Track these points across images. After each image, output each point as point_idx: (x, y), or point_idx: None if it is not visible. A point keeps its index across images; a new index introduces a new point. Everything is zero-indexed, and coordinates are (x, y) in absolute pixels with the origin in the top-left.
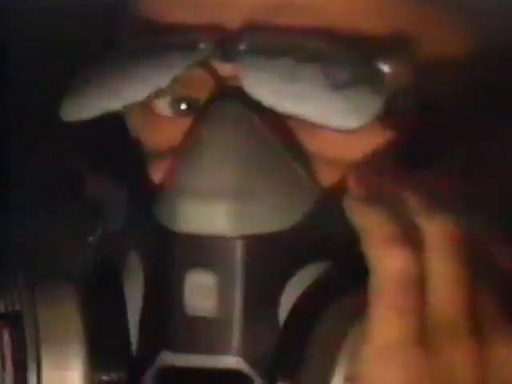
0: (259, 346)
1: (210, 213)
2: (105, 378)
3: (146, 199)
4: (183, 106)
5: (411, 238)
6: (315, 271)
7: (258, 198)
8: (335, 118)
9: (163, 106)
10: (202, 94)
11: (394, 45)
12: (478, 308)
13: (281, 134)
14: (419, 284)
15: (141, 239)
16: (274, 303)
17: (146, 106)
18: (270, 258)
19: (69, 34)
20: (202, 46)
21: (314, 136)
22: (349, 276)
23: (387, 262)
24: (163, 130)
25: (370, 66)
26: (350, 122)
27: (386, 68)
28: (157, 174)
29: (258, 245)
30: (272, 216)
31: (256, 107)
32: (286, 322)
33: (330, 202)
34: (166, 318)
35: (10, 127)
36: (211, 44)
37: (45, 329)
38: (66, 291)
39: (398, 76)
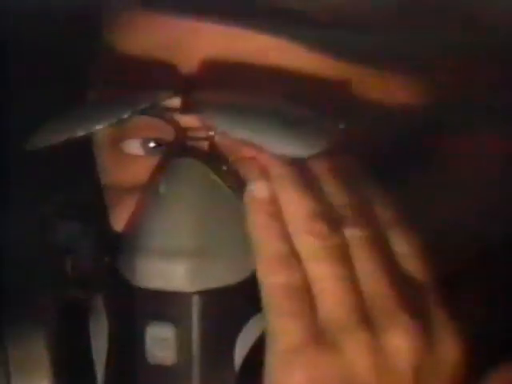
0: None
1: (169, 270)
2: None
3: (110, 250)
4: (152, 145)
5: (294, 251)
6: None
7: (214, 255)
8: (286, 148)
9: (134, 145)
10: (170, 136)
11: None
12: (366, 302)
13: (237, 186)
14: (304, 292)
15: (105, 288)
16: (230, 350)
17: (115, 145)
18: (225, 309)
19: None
20: (159, 96)
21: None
22: None
23: (272, 278)
24: (132, 168)
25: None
26: (299, 152)
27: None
28: (120, 220)
29: (213, 298)
30: (227, 270)
31: (214, 162)
32: (242, 368)
33: None
34: (129, 365)
35: None
36: (169, 94)
37: (15, 365)
38: (36, 331)
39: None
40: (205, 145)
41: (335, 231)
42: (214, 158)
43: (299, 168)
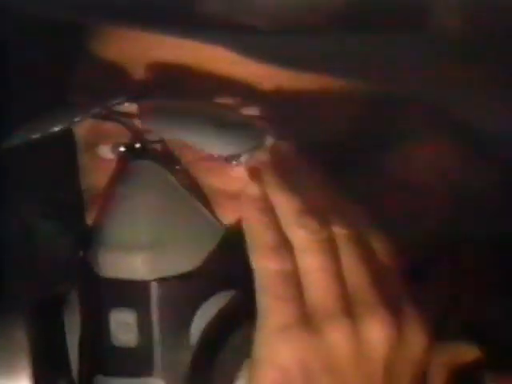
0: (176, 368)
1: (129, 261)
2: None
3: (84, 245)
4: (122, 149)
5: (286, 243)
6: (222, 300)
7: (168, 247)
8: (216, 147)
9: (106, 150)
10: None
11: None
12: (349, 293)
13: (189, 183)
14: (294, 278)
15: (78, 280)
16: (186, 331)
17: (91, 150)
18: (180, 294)
19: None
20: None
21: (219, 176)
22: (250, 303)
23: (265, 264)
24: (105, 171)
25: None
26: (227, 151)
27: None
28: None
29: (169, 284)
30: (181, 260)
31: (167, 162)
32: (197, 346)
33: (234, 237)
34: (98, 347)
35: None
36: (120, 100)
37: None
38: (17, 320)
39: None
40: (159, 147)
41: (324, 227)
42: (168, 158)
43: (289, 168)
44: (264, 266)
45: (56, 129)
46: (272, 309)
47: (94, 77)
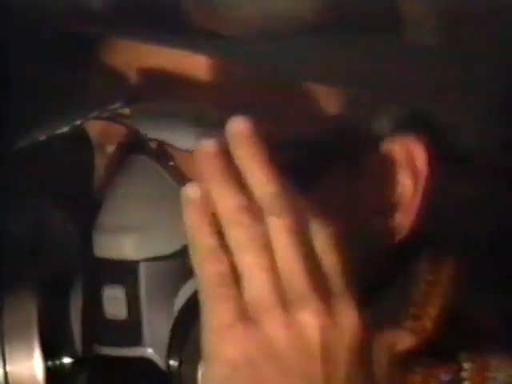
0: (162, 338)
1: (119, 243)
2: (55, 363)
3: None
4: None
5: (222, 245)
6: None
7: (155, 230)
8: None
9: (113, 149)
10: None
11: None
12: (283, 284)
13: (179, 176)
14: (231, 278)
15: (80, 262)
16: (171, 306)
17: (102, 150)
18: (165, 273)
19: None
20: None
21: None
22: None
23: (204, 269)
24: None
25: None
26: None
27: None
28: None
29: (155, 264)
30: (166, 242)
31: (161, 158)
32: (178, 317)
33: None
34: (94, 321)
35: None
36: (121, 104)
37: (8, 326)
38: (30, 299)
39: None
40: (154, 144)
41: (258, 221)
42: (162, 155)
43: (227, 163)
44: (202, 270)
45: (62, 130)
46: (213, 309)
47: (93, 81)
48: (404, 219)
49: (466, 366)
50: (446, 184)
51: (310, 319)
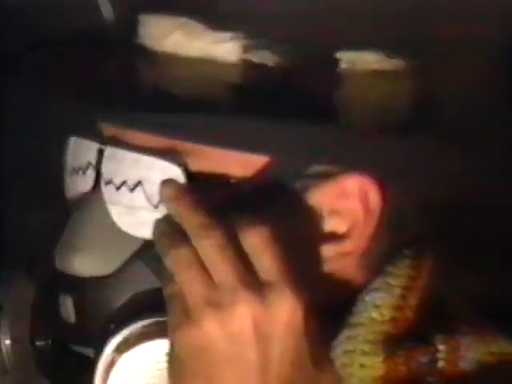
0: (105, 337)
1: (69, 260)
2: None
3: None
4: None
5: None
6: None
7: (96, 253)
8: None
9: None
10: None
11: None
12: (216, 287)
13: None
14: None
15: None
16: (112, 313)
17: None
18: (103, 290)
19: None
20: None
21: None
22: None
23: (169, 252)
24: None
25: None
26: None
27: None
28: None
29: (94, 281)
30: (102, 264)
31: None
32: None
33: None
34: (54, 315)
35: None
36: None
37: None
38: (27, 286)
39: None
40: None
41: (187, 245)
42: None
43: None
44: (166, 254)
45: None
46: (168, 310)
47: None
48: (355, 246)
49: (440, 347)
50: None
51: (242, 311)
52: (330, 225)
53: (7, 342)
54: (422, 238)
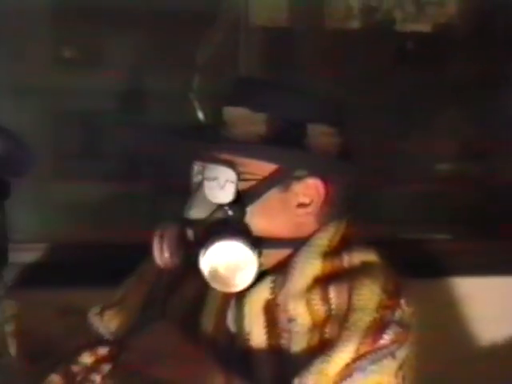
0: None
1: (189, 212)
2: None
3: None
4: None
5: None
6: None
7: (198, 208)
8: None
9: None
10: None
11: None
12: None
13: None
14: None
15: None
16: None
17: None
18: (203, 223)
19: None
20: None
21: None
22: None
23: None
24: None
25: None
26: None
27: None
28: None
29: (199, 221)
30: (202, 213)
31: None
32: None
33: None
34: None
35: None
36: None
37: None
38: None
39: None
40: None
41: None
42: None
43: None
44: None
45: None
46: None
47: None
48: (310, 217)
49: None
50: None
51: None
52: (302, 199)
53: None
54: (343, 206)
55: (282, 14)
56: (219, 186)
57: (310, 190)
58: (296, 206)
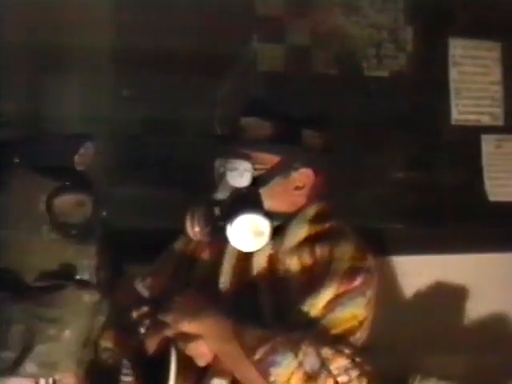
0: None
1: (220, 193)
2: None
3: None
4: None
5: None
6: None
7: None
8: None
9: None
10: None
11: None
12: None
13: None
14: None
15: None
16: None
17: None
18: (227, 200)
19: None
20: None
21: None
22: None
23: None
24: None
25: None
26: None
27: None
28: None
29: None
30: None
31: None
32: None
33: None
34: None
35: None
36: None
37: None
38: None
39: None
40: None
41: None
42: None
43: None
44: None
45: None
46: None
47: None
48: (303, 196)
49: None
50: None
51: None
52: (298, 184)
53: None
54: (324, 189)
55: (280, 61)
56: (239, 175)
57: (303, 176)
58: (293, 188)
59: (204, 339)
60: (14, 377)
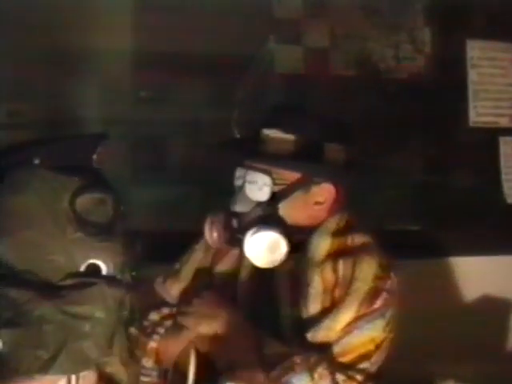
0: None
1: (234, 207)
2: None
3: None
4: None
5: None
6: None
7: (242, 205)
8: None
9: None
10: None
11: None
12: None
13: None
14: None
15: None
16: None
17: None
18: (245, 217)
19: None
20: None
21: None
22: None
23: None
24: None
25: None
26: None
27: None
28: None
29: (242, 214)
30: (245, 207)
31: None
32: None
33: None
34: None
35: None
36: None
37: None
38: None
39: None
40: None
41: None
42: None
43: None
44: None
45: None
46: None
47: None
48: (323, 211)
49: None
50: None
51: None
52: (318, 199)
53: None
54: (346, 201)
55: (297, 63)
56: (258, 188)
57: (324, 192)
58: (314, 203)
59: (222, 342)
60: (49, 375)
